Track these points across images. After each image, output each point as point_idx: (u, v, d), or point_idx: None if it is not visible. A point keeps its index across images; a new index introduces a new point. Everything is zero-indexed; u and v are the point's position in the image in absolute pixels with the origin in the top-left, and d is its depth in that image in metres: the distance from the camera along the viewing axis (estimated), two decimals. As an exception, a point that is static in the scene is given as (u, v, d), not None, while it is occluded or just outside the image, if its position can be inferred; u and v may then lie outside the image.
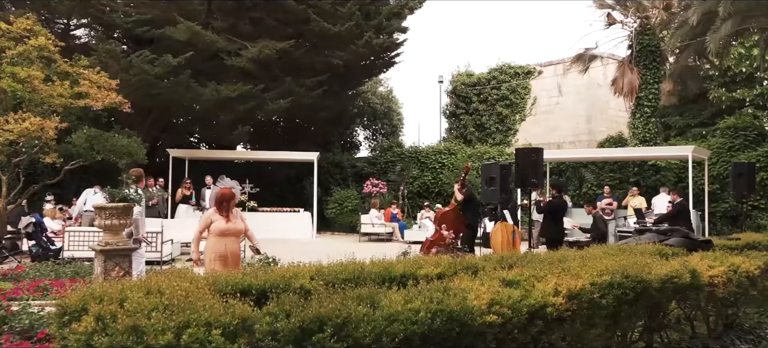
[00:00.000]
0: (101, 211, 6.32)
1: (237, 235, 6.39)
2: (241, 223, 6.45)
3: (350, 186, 20.28)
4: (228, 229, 6.26)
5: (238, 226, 6.38)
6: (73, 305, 3.33)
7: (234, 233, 6.33)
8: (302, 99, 17.61)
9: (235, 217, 6.35)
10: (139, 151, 12.75)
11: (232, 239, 6.31)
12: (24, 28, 11.13)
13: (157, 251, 10.61)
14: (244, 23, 16.84)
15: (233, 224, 6.31)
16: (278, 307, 3.25)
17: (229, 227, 6.28)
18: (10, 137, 10.34)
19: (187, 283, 3.52)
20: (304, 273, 4.17)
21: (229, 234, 6.27)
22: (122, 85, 12.58)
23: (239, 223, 6.40)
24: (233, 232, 6.32)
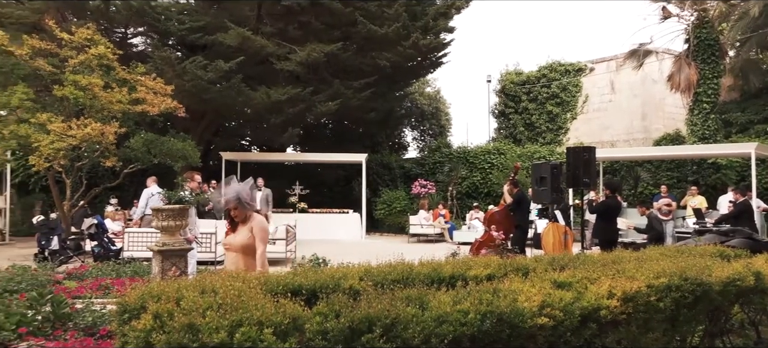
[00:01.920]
0: (158, 213, 6.54)
1: (238, 251, 4.90)
2: (246, 236, 4.87)
3: (399, 187, 20.29)
4: (228, 243, 4.99)
5: (238, 240, 4.88)
6: (133, 303, 3.45)
7: (233, 248, 4.92)
8: (350, 101, 17.74)
9: (243, 229, 4.96)
10: (193, 154, 13.17)
11: (231, 256, 4.96)
12: (85, 38, 11.63)
13: (212, 252, 10.88)
14: (292, 27, 17.10)
15: (233, 237, 4.94)
16: (328, 307, 3.28)
17: (229, 241, 4.98)
18: (73, 142, 10.83)
19: (240, 283, 3.59)
20: (353, 273, 4.20)
21: (227, 248, 5.04)
22: (177, 91, 12.97)
23: (242, 237, 4.88)
24: (231, 246, 4.94)
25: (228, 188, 4.87)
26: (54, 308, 5.19)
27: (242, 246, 4.85)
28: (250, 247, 4.86)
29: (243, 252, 4.85)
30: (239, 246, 4.86)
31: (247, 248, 4.86)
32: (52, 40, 11.75)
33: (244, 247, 4.85)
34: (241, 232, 4.90)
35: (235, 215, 4.90)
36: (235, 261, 4.89)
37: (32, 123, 10.83)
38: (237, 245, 4.88)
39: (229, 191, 4.84)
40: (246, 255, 4.86)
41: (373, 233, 19.02)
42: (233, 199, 4.81)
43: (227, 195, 4.84)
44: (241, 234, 4.89)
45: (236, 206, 4.86)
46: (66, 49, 11.60)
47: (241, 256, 4.86)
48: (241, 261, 4.86)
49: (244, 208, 4.88)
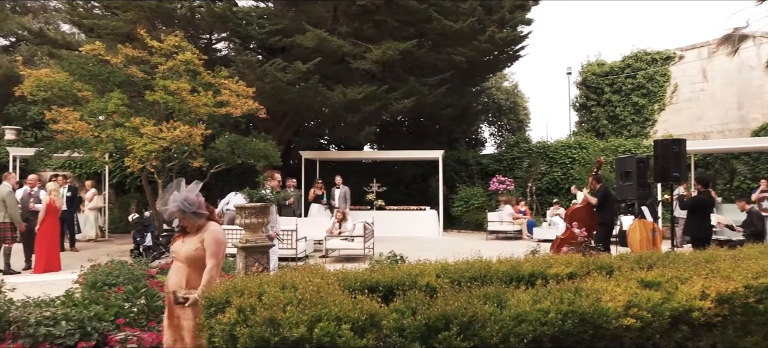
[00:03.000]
0: (241, 211, 6.79)
1: (183, 262, 4.24)
2: (194, 246, 4.21)
3: (476, 183, 20.06)
4: (174, 250, 4.36)
5: (184, 250, 4.23)
6: (218, 298, 3.60)
7: (178, 258, 4.29)
8: (426, 98, 17.71)
9: (192, 239, 4.28)
10: (274, 154, 13.59)
11: (176, 265, 4.32)
12: (173, 45, 12.26)
13: (292, 248, 11.17)
14: (367, 26, 17.26)
15: (180, 246, 4.30)
16: (405, 304, 3.29)
17: (175, 248, 4.34)
18: (164, 144, 11.45)
19: (319, 279, 3.67)
20: (430, 271, 4.19)
21: (174, 257, 4.38)
22: (258, 93, 13.41)
23: (189, 247, 4.22)
24: (177, 255, 4.30)
25: (169, 199, 4.20)
26: (148, 301, 5.51)
27: (188, 257, 4.19)
28: (197, 259, 4.18)
29: (188, 264, 4.20)
30: (184, 257, 4.20)
31: (194, 261, 4.19)
32: (144, 48, 12.45)
33: (190, 258, 4.19)
34: (189, 241, 4.23)
35: (184, 225, 4.30)
36: (178, 272, 4.23)
37: (127, 127, 11.54)
38: (183, 255, 4.21)
39: (170, 203, 4.17)
40: (192, 267, 4.19)
41: (450, 230, 18.91)
42: (175, 211, 4.16)
43: (169, 208, 4.18)
44: (189, 244, 4.22)
45: (180, 217, 4.24)
46: (156, 56, 12.27)
47: (186, 268, 4.20)
48: (186, 273, 4.19)
49: (192, 218, 4.20)
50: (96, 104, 11.94)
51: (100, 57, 12.29)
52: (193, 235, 4.24)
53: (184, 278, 4.19)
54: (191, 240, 4.23)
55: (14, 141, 18.85)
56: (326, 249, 12.51)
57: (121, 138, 11.41)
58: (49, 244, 10.56)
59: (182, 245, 4.25)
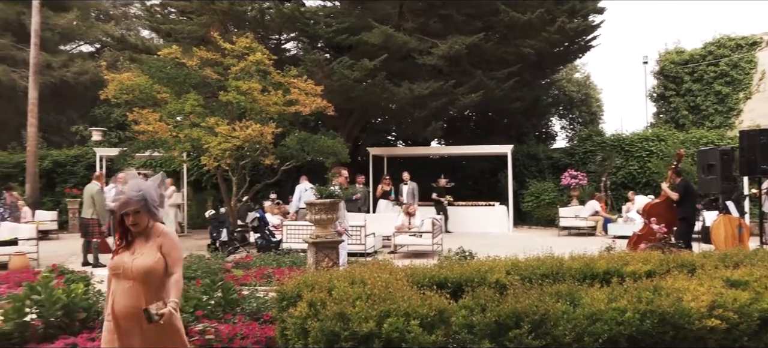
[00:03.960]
0: (311, 207, 6.93)
1: (135, 279, 3.34)
2: (152, 257, 3.38)
3: (547, 178, 19.60)
4: (118, 266, 3.39)
5: (139, 264, 3.34)
6: (290, 292, 3.69)
7: (129, 274, 3.34)
8: (493, 92, 17.44)
9: (145, 247, 3.41)
10: (342, 151, 13.77)
11: (123, 286, 3.36)
12: (244, 47, 12.65)
13: (361, 244, 11.30)
14: (433, 21, 17.18)
15: (129, 259, 3.37)
16: (474, 300, 3.26)
17: (121, 262, 3.39)
18: (237, 143, 11.83)
19: (387, 275, 3.69)
20: (499, 267, 4.13)
21: (117, 274, 3.40)
22: (326, 91, 13.62)
23: (146, 258, 3.37)
24: (127, 272, 3.35)
25: (129, 184, 3.43)
26: (224, 294, 5.71)
27: (145, 271, 3.31)
28: (155, 273, 3.34)
29: (144, 280, 3.31)
30: (140, 272, 3.31)
31: (152, 275, 3.33)
32: (217, 50, 12.91)
33: (148, 273, 3.32)
34: (143, 252, 3.36)
35: (132, 224, 3.37)
36: (129, 293, 3.32)
37: (202, 127, 12.00)
38: (138, 270, 3.31)
39: (131, 188, 3.38)
40: (147, 284, 3.32)
41: (520, 226, 18.56)
42: (137, 200, 3.34)
43: (128, 194, 3.36)
44: (144, 255, 3.35)
45: (138, 211, 3.35)
46: (229, 58, 12.70)
47: (140, 286, 3.31)
48: (140, 292, 3.31)
49: (150, 216, 3.42)
50: (174, 105, 12.49)
51: (177, 60, 12.84)
52: (143, 243, 3.39)
53: (140, 299, 3.29)
54: (145, 250, 3.36)
55: (100, 142, 20.00)
56: (394, 245, 12.57)
57: (198, 137, 11.88)
58: (133, 239, 11.12)
59: (132, 258, 3.33)
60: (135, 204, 3.35)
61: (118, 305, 3.35)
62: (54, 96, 25.52)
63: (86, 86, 25.25)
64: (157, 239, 3.43)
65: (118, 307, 3.35)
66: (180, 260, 3.50)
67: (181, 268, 3.47)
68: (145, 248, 3.38)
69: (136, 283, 3.33)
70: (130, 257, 3.36)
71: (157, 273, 3.36)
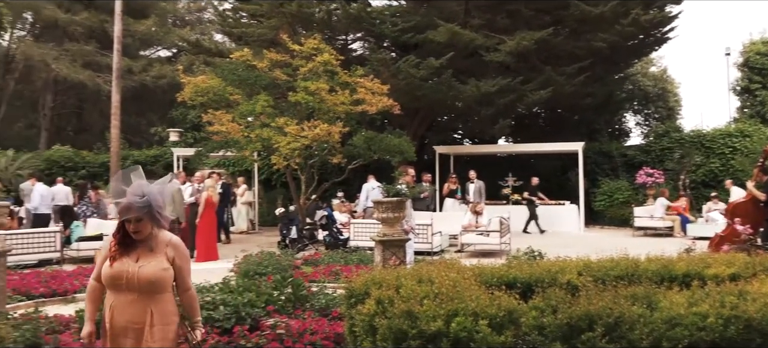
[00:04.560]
0: (378, 205, 6.98)
1: (140, 291, 2.96)
2: (160, 266, 3.01)
3: (620, 176, 18.92)
4: (120, 272, 2.97)
5: (146, 272, 2.97)
6: (358, 289, 3.73)
7: (133, 286, 2.96)
8: (563, 88, 17.00)
9: (150, 255, 3.02)
10: (408, 149, 13.80)
11: (125, 300, 2.97)
12: (312, 48, 12.90)
13: (428, 242, 11.28)
14: (500, 17, 16.92)
15: (133, 267, 2.98)
16: (544, 301, 3.20)
17: (123, 270, 2.97)
18: (306, 142, 12.08)
19: (455, 274, 3.67)
20: (571, 268, 4.03)
21: (120, 287, 2.98)
22: (392, 90, 13.68)
23: (153, 267, 2.99)
24: (132, 283, 2.96)
25: (132, 187, 2.98)
26: (294, 290, 5.84)
27: (153, 280, 2.96)
28: (164, 282, 3.00)
29: (150, 291, 2.95)
30: (148, 281, 2.94)
31: (160, 285, 2.99)
32: (286, 52, 13.22)
33: (156, 283, 2.97)
34: (149, 259, 2.98)
35: (134, 231, 2.97)
36: (133, 306, 2.95)
37: (273, 127, 12.32)
38: (145, 280, 2.94)
39: (133, 192, 2.95)
40: (152, 296, 2.96)
41: (592, 226, 18.00)
42: (139, 206, 2.92)
43: (130, 198, 2.94)
44: (152, 263, 2.97)
45: (140, 218, 2.95)
46: (297, 59, 12.98)
47: (148, 299, 2.95)
48: (147, 306, 2.95)
49: (154, 223, 3.01)
50: (245, 106, 12.89)
51: (248, 62, 13.24)
52: (147, 253, 3.00)
53: (145, 313, 2.94)
54: (151, 258, 2.99)
55: (177, 142, 20.91)
56: (461, 244, 12.48)
57: (268, 137, 12.21)
58: (208, 236, 11.57)
59: (137, 267, 2.95)
60: (136, 210, 2.93)
61: (119, 320, 2.95)
62: (135, 99, 26.94)
63: (164, 89, 26.52)
64: (166, 249, 3.06)
65: (118, 323, 2.95)
66: (191, 272, 3.20)
67: (190, 279, 3.18)
68: (152, 257, 3.01)
69: (141, 295, 2.95)
70: (135, 265, 2.96)
71: (165, 284, 3.03)
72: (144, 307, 2.96)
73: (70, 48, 26.65)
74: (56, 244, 10.74)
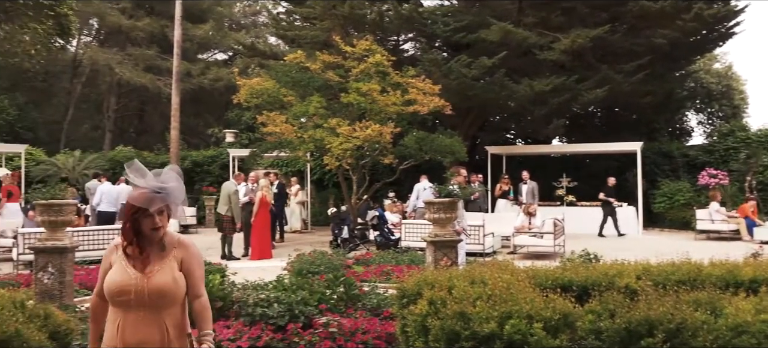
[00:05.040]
0: (430, 206, 6.97)
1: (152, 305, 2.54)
2: (170, 274, 2.59)
3: (681, 177, 18.24)
4: (126, 285, 2.54)
5: (157, 281, 2.55)
6: (410, 289, 3.74)
7: (146, 300, 2.53)
8: (620, 86, 16.52)
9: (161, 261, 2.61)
10: (460, 150, 13.73)
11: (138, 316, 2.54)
12: (364, 49, 12.99)
13: (480, 244, 11.17)
14: (555, 15, 16.59)
15: (146, 279, 2.55)
16: (601, 305, 3.13)
17: (132, 283, 2.54)
18: (357, 143, 12.18)
19: (508, 275, 3.63)
20: (629, 271, 3.91)
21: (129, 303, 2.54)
22: (444, 90, 13.63)
23: (164, 275, 2.57)
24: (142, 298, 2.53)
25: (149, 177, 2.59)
26: (346, 289, 5.90)
27: (164, 292, 2.52)
28: (177, 295, 2.56)
29: (163, 305, 2.52)
30: (159, 293, 2.51)
31: (173, 297, 2.55)
32: (339, 53, 13.36)
33: (168, 294, 2.53)
34: (158, 266, 2.55)
35: (155, 228, 2.54)
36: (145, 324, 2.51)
37: (325, 127, 12.48)
38: (156, 292, 2.50)
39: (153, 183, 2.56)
40: (168, 309, 2.54)
41: (652, 228, 17.42)
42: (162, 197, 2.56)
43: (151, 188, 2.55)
44: (161, 271, 2.54)
45: (162, 210, 2.57)
46: (349, 61, 13.10)
47: (160, 314, 2.53)
48: (162, 322, 2.53)
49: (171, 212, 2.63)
50: (298, 108, 13.11)
51: (301, 64, 13.45)
52: (157, 257, 2.58)
53: (160, 331, 2.53)
54: (162, 265, 2.56)
55: (233, 143, 21.46)
56: (514, 245, 12.30)
57: (321, 138, 12.37)
58: (262, 235, 11.83)
59: (146, 278, 2.52)
60: (160, 202, 2.54)
61: (131, 341, 2.50)
62: (193, 101, 27.84)
63: (220, 92, 27.30)
64: (175, 251, 2.61)
65: (130, 344, 2.50)
66: (203, 277, 2.72)
67: (203, 287, 2.70)
68: (162, 264, 2.56)
69: (152, 310, 2.50)
70: (143, 277, 2.51)
71: (179, 294, 2.58)
72: (158, 324, 2.53)
73: (132, 52, 27.79)
74: (119, 242, 11.20)
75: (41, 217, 6.49)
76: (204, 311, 2.66)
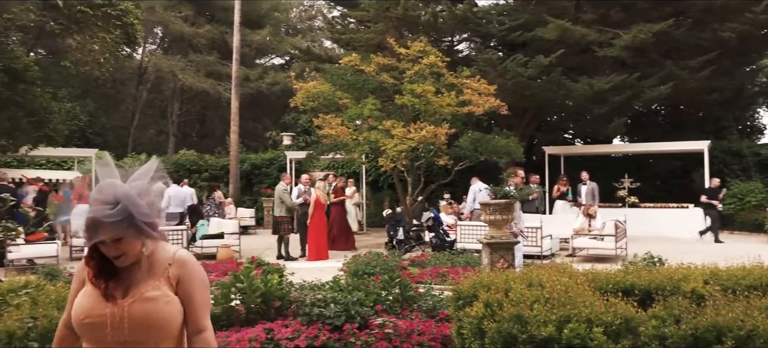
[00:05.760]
0: (486, 207, 6.90)
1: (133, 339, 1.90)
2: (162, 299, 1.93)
3: (753, 177, 17.37)
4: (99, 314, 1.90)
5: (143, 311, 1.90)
6: (466, 291, 3.72)
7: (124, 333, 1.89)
8: (686, 83, 15.88)
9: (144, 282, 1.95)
10: (516, 150, 13.54)
11: None
12: (418, 51, 13.00)
13: (537, 246, 10.98)
14: (615, 11, 16.12)
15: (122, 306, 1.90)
16: (666, 310, 3.03)
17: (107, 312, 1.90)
18: (412, 144, 12.20)
19: (567, 278, 3.56)
20: (695, 275, 3.76)
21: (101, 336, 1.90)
22: (499, 90, 13.48)
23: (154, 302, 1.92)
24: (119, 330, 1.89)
25: (96, 190, 1.90)
26: (402, 291, 5.92)
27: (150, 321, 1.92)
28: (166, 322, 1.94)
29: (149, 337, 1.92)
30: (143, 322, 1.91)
31: (162, 326, 1.93)
32: (393, 55, 13.42)
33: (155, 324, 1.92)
34: (142, 290, 1.94)
35: (116, 256, 1.91)
36: None
37: (380, 129, 12.55)
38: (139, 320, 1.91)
39: (100, 199, 1.86)
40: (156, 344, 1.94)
41: (720, 231, 16.66)
42: (113, 220, 1.83)
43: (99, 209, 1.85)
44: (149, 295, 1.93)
45: (120, 237, 1.87)
46: (403, 62, 13.14)
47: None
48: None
49: (141, 235, 1.92)
50: (353, 110, 13.24)
51: (356, 67, 13.59)
52: (139, 278, 1.94)
53: None
54: (146, 285, 1.94)
55: (290, 145, 21.89)
56: (573, 248, 12.02)
57: (375, 140, 12.45)
58: (318, 235, 11.99)
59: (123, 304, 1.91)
60: (109, 228, 1.81)
61: None
62: (251, 105, 28.58)
63: (278, 95, 27.92)
64: (170, 270, 1.97)
65: None
66: (209, 305, 2.07)
67: (208, 311, 2.03)
68: (147, 285, 1.92)
69: (136, 345, 1.90)
70: (122, 303, 1.89)
71: (170, 324, 1.92)
72: None
73: (194, 59, 28.79)
74: (183, 242, 11.60)
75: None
76: (203, 342, 1.97)
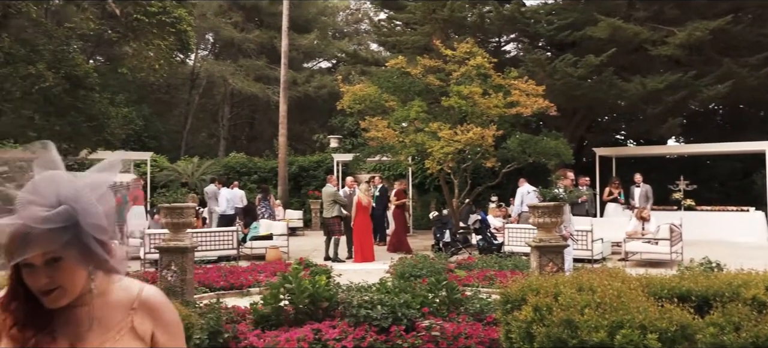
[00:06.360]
0: (535, 210, 6.80)
1: None
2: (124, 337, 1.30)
3: (820, 179, 16.52)
4: None
5: None
6: (514, 295, 3.68)
7: None
8: (745, 81, 15.25)
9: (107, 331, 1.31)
10: (566, 152, 13.29)
11: None
12: (465, 52, 12.94)
13: (588, 249, 10.74)
14: (669, 8, 15.63)
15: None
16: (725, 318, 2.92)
17: None
18: (459, 146, 12.13)
19: (619, 283, 3.48)
20: (757, 282, 3.61)
21: None
22: (548, 90, 13.27)
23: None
24: None
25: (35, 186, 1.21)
26: (449, 293, 5.89)
27: None
28: None
29: None
30: None
31: None
32: (439, 57, 13.39)
33: None
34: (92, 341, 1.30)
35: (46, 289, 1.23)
36: None
37: (426, 131, 12.53)
38: None
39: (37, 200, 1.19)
40: None
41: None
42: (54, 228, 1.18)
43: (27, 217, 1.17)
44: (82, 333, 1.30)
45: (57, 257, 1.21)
46: (450, 64, 13.10)
47: None
48: None
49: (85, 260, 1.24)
50: (400, 112, 13.26)
51: (403, 70, 13.62)
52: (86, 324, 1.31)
53: None
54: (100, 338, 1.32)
55: (337, 148, 22.09)
56: (626, 252, 11.69)
57: (422, 142, 12.44)
58: (363, 238, 12.04)
59: None
60: (45, 239, 1.20)
61: None
62: (299, 108, 28.98)
63: (324, 98, 28.25)
64: (135, 318, 1.38)
65: None
66: None
67: None
68: (101, 338, 1.33)
69: None
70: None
71: None
72: None
73: (243, 64, 29.42)
74: (233, 243, 11.86)
75: (165, 219, 7.01)
76: None
